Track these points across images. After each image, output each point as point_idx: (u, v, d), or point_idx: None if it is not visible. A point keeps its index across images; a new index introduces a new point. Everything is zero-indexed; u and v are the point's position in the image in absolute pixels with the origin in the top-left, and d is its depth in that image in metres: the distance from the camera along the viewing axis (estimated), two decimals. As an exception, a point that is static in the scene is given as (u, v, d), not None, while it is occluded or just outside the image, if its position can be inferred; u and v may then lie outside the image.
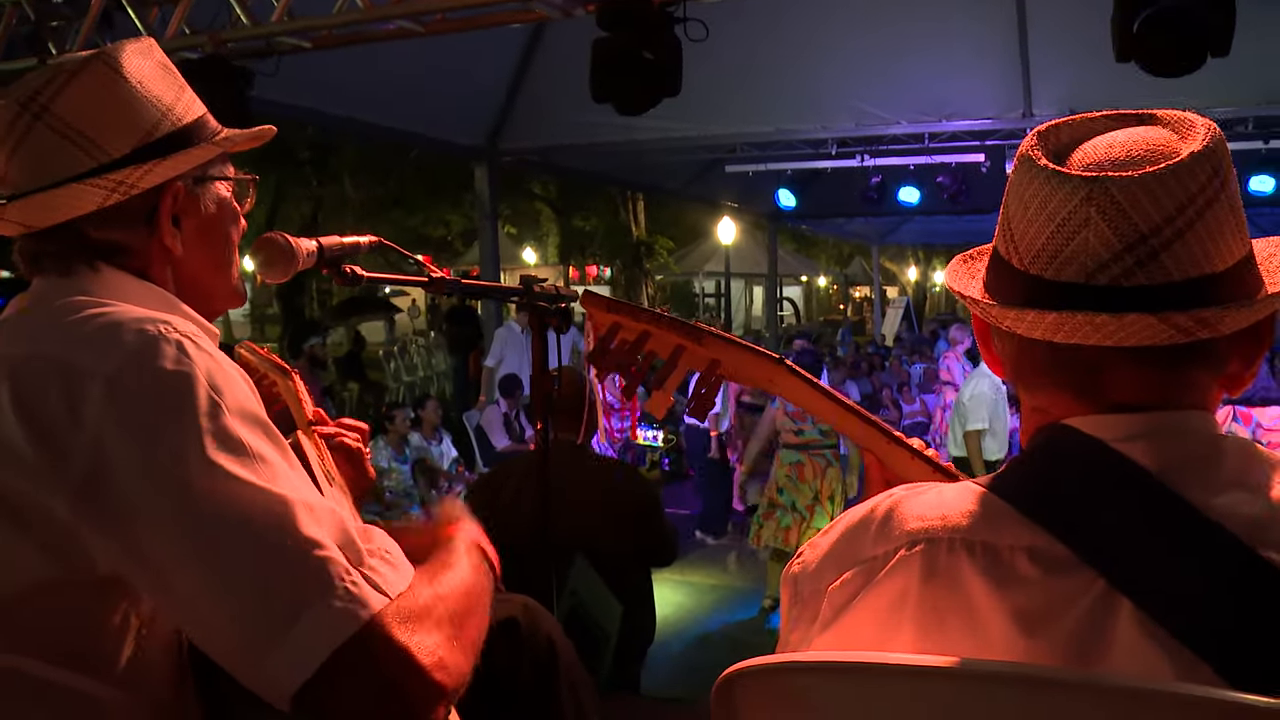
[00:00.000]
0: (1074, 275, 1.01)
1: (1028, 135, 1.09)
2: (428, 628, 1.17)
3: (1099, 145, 1.06)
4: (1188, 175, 0.99)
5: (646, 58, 5.44)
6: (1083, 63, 7.19)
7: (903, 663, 0.97)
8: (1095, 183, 0.99)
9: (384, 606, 1.13)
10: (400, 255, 2.29)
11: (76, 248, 1.33)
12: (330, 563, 1.13)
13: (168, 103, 1.39)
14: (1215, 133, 1.03)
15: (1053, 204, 1.02)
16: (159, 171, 1.35)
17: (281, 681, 1.10)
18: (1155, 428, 1.03)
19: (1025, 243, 1.05)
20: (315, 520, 1.16)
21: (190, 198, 1.42)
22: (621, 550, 4.09)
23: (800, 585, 1.16)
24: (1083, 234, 1.00)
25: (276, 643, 1.09)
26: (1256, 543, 0.94)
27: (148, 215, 1.37)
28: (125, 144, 1.34)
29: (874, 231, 22.58)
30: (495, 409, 9.86)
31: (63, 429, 1.14)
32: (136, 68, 1.37)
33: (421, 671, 1.13)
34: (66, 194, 1.30)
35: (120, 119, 1.34)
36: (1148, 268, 0.99)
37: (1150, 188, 0.98)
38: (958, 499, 1.07)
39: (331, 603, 1.11)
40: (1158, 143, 1.04)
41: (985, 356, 1.20)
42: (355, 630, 1.10)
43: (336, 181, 22.71)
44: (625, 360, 1.61)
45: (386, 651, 1.12)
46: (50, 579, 1.16)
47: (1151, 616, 0.93)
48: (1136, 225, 0.98)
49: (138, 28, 6.11)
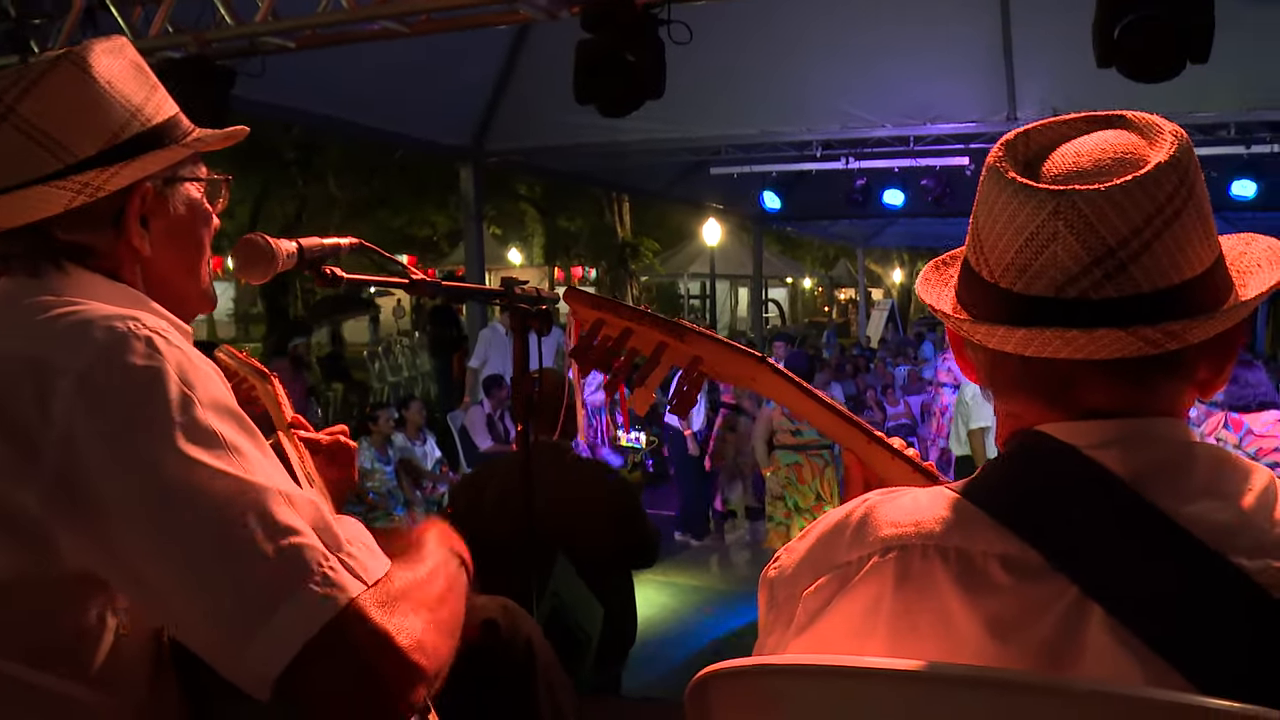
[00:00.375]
0: (1043, 289, 1.01)
1: (996, 144, 1.09)
2: (405, 611, 1.17)
3: (1066, 154, 1.06)
4: (1154, 186, 0.99)
5: (629, 60, 5.44)
6: (1066, 67, 7.21)
7: (876, 666, 0.98)
8: (1062, 196, 0.99)
9: (362, 591, 1.14)
10: (383, 257, 2.29)
11: (43, 249, 1.32)
12: (307, 549, 1.13)
13: (137, 103, 1.38)
14: (1182, 139, 1.03)
15: (1021, 217, 1.02)
16: (126, 173, 1.34)
17: (261, 669, 1.10)
18: (1127, 435, 1.03)
19: (995, 256, 1.05)
20: (291, 507, 1.16)
21: (159, 199, 1.41)
22: (603, 551, 4.09)
23: (776, 590, 1.16)
24: (1051, 248, 1.00)
25: (255, 631, 1.09)
26: (1227, 549, 0.94)
27: (115, 217, 1.36)
28: (92, 145, 1.32)
29: (859, 234, 22.60)
30: (479, 410, 9.85)
31: (33, 426, 1.13)
32: (106, 67, 1.36)
33: (400, 653, 1.14)
34: (32, 195, 1.29)
35: (87, 120, 1.33)
36: (1116, 280, 0.99)
37: (1117, 200, 0.98)
38: (931, 505, 1.07)
39: (310, 588, 1.11)
40: (1125, 149, 1.04)
41: (959, 363, 1.20)
42: (334, 615, 1.11)
43: (321, 181, 22.64)
44: (608, 357, 1.62)
45: (365, 635, 1.12)
46: (20, 576, 1.16)
47: (1123, 623, 0.94)
48: (1104, 238, 0.98)
49: (121, 26, 6.09)
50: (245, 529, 1.12)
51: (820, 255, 36.95)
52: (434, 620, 1.22)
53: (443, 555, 1.39)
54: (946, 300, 1.16)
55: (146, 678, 1.32)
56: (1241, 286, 1.09)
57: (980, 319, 1.07)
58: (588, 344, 1.61)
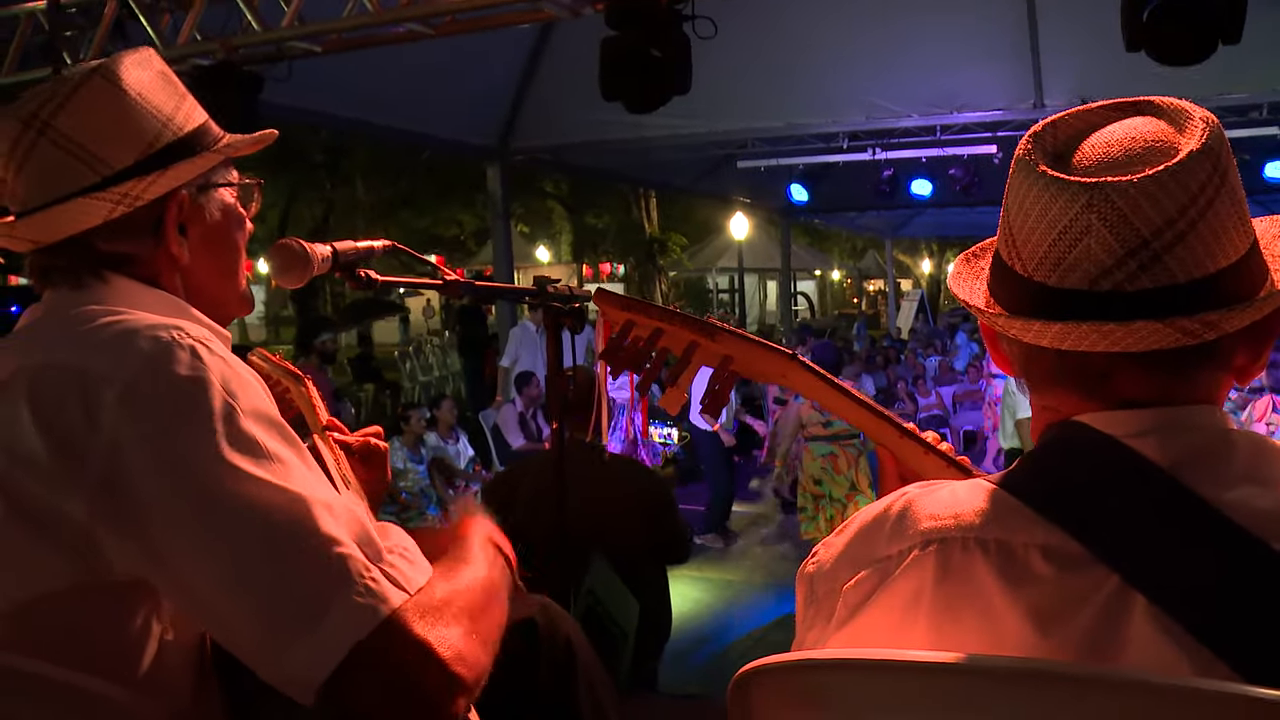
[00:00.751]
0: (1078, 282, 1.01)
1: (1024, 137, 1.09)
2: (447, 621, 1.18)
3: (1096, 144, 1.05)
4: (1187, 175, 0.98)
5: (655, 56, 5.44)
6: (1093, 52, 7.16)
7: (918, 659, 0.98)
8: (1095, 189, 0.99)
9: (403, 602, 1.15)
10: (413, 258, 2.30)
11: (86, 260, 1.34)
12: (349, 559, 1.15)
13: (168, 112, 1.40)
14: (1213, 125, 1.02)
15: (1053, 211, 1.01)
16: (162, 182, 1.36)
17: (304, 677, 1.11)
18: (1165, 423, 1.03)
19: (1028, 250, 1.05)
20: (333, 518, 1.17)
21: (195, 206, 1.43)
22: (636, 547, 4.10)
23: (816, 585, 1.16)
24: (1085, 241, 0.99)
25: (299, 639, 1.11)
26: (1270, 537, 0.94)
27: (154, 225, 1.38)
28: (128, 156, 1.35)
29: (887, 225, 22.53)
30: (511, 408, 9.87)
31: (80, 434, 1.15)
32: (136, 79, 1.38)
33: (442, 665, 1.14)
34: (73, 209, 1.31)
35: (121, 132, 1.35)
36: (1151, 271, 0.98)
37: (1149, 191, 0.97)
38: (970, 497, 1.07)
39: (352, 599, 1.12)
40: (1155, 137, 1.03)
41: (994, 356, 1.19)
42: (376, 625, 1.12)
43: (348, 184, 22.77)
44: (638, 358, 1.62)
45: (407, 646, 1.13)
46: (70, 584, 1.17)
47: (1166, 613, 0.93)
48: (1138, 230, 0.98)
49: (150, 35, 6.15)
50: (289, 539, 1.14)
51: (848, 247, 36.85)
52: (475, 630, 1.22)
53: (485, 559, 1.40)
54: (979, 294, 1.16)
55: (189, 683, 1.33)
56: (1276, 271, 1.08)
57: (1015, 313, 1.06)
58: (618, 345, 1.62)
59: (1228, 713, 0.85)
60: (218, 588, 1.14)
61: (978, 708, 0.93)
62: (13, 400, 1.19)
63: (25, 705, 1.18)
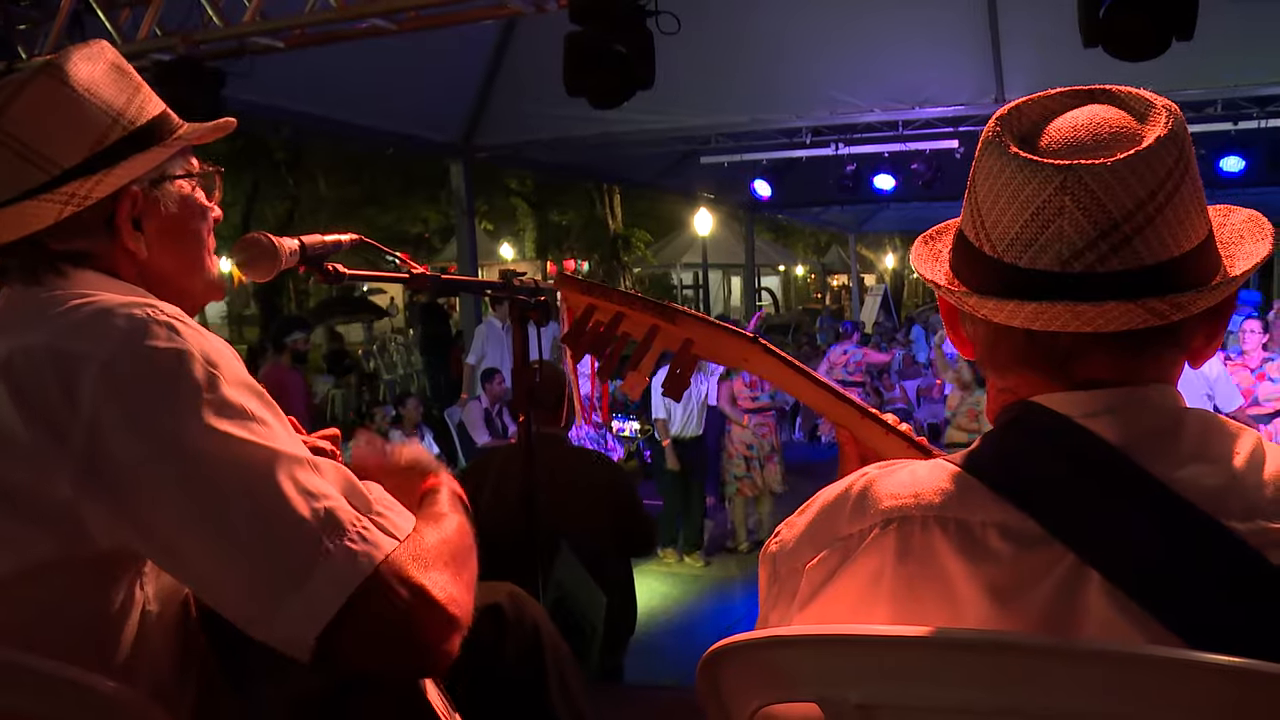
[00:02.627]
0: (1049, 263, 1.03)
1: (990, 120, 1.10)
2: (438, 566, 1.21)
3: (1062, 128, 1.07)
4: (1156, 160, 1.01)
5: (619, 51, 5.45)
6: (1053, 47, 7.21)
7: (883, 633, 1.00)
8: (1069, 171, 1.01)
9: (395, 548, 1.18)
10: (379, 252, 2.31)
11: (40, 259, 1.33)
12: (339, 510, 1.17)
13: (119, 107, 1.38)
14: (1176, 114, 1.05)
15: (1026, 192, 1.03)
16: (111, 179, 1.35)
17: (300, 631, 1.13)
18: (1119, 403, 1.05)
19: (998, 231, 1.06)
20: (319, 473, 1.20)
21: (149, 200, 1.41)
22: (601, 540, 4.11)
23: (778, 564, 1.18)
24: (1057, 222, 1.02)
25: (292, 593, 1.13)
26: (1220, 513, 0.97)
27: (107, 222, 1.37)
28: (76, 154, 1.33)
29: (851, 220, 22.58)
30: (476, 405, 9.85)
31: (60, 412, 1.16)
32: (85, 74, 1.36)
33: (438, 605, 1.18)
34: (21, 210, 1.30)
35: (68, 129, 1.34)
36: (1121, 253, 1.01)
37: (1122, 175, 1.00)
38: (930, 477, 1.09)
39: (345, 546, 1.15)
40: (1118, 124, 1.06)
41: (952, 338, 1.21)
42: (370, 572, 1.14)
43: (311, 181, 22.60)
44: (600, 342, 1.63)
45: (403, 589, 1.16)
46: (52, 560, 1.18)
47: (1120, 588, 0.96)
48: (1110, 212, 1.00)
49: (108, 30, 6.09)
50: (278, 494, 1.15)
51: (812, 242, 36.91)
52: (461, 575, 1.26)
53: (459, 514, 1.42)
54: (940, 272, 1.18)
55: (171, 662, 1.34)
56: (1228, 257, 1.11)
57: (985, 294, 1.08)
58: (580, 329, 1.63)
59: (1179, 678, 0.87)
60: (207, 551, 1.15)
61: (941, 679, 0.96)
62: None
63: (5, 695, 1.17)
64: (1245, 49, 7.57)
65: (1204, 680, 0.87)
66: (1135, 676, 0.89)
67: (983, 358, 1.17)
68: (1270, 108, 9.42)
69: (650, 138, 10.45)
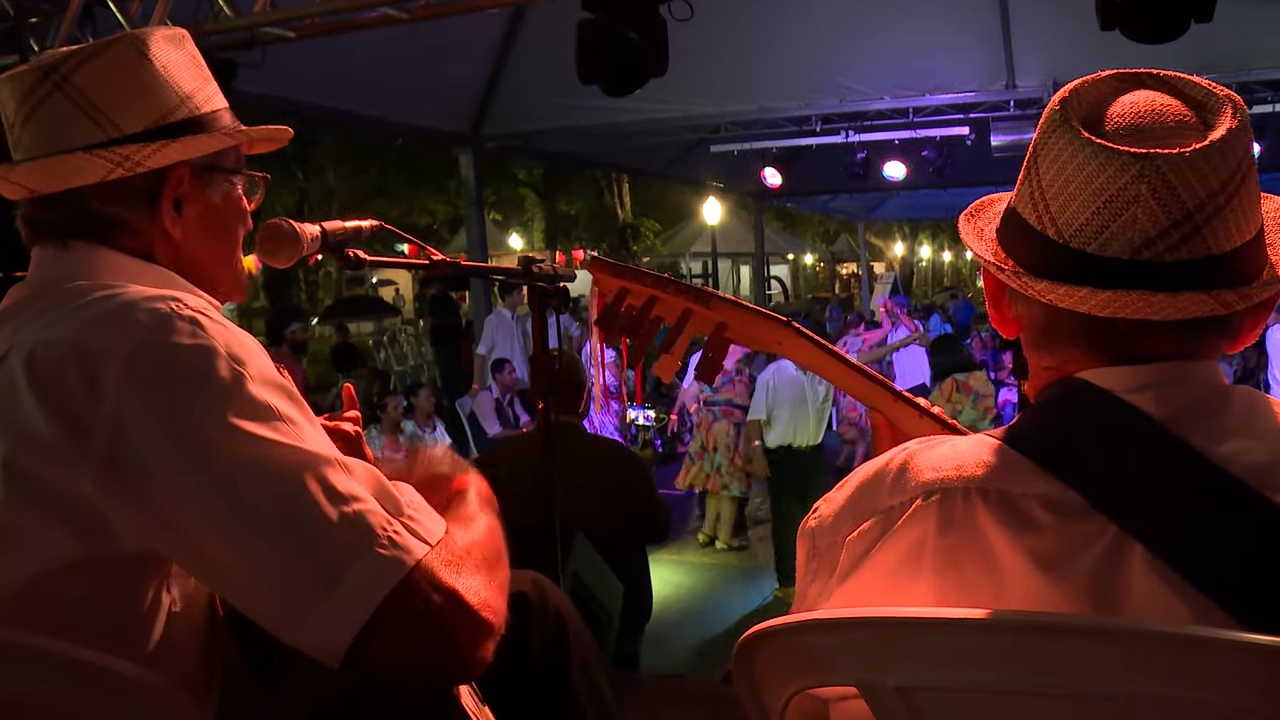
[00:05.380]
0: (1119, 251, 1.03)
1: (1052, 103, 1.09)
2: (470, 569, 1.20)
3: (1125, 114, 1.07)
4: (1230, 151, 1.01)
5: (632, 38, 5.43)
6: (1064, 32, 7.19)
7: (921, 615, 0.99)
8: (1146, 159, 1.01)
9: (427, 553, 1.16)
10: (393, 241, 2.30)
11: (77, 218, 1.35)
12: (370, 513, 1.15)
13: (187, 90, 1.42)
14: (1240, 104, 1.06)
15: (1100, 179, 1.03)
16: (166, 153, 1.36)
17: (331, 639, 1.11)
18: (1162, 378, 1.05)
19: (1066, 216, 1.06)
20: (349, 474, 1.18)
21: (196, 185, 1.43)
22: (616, 527, 4.12)
23: (817, 539, 1.18)
24: (1131, 210, 1.02)
25: (323, 598, 1.11)
26: (1264, 487, 0.96)
27: (150, 195, 1.39)
28: (138, 122, 1.36)
29: (860, 207, 22.53)
30: (487, 395, 9.86)
31: (83, 409, 1.14)
32: (163, 53, 1.40)
33: (471, 610, 1.16)
34: (72, 162, 1.32)
35: (137, 98, 1.37)
36: (1191, 243, 1.01)
37: (1197, 165, 1.00)
38: (972, 450, 1.09)
39: (377, 552, 1.13)
40: (1177, 110, 1.06)
41: (994, 316, 1.21)
42: (403, 576, 1.13)
43: (321, 173, 22.62)
44: (633, 325, 1.63)
45: (436, 594, 1.14)
46: (77, 558, 1.17)
47: (1164, 561, 0.96)
48: (1184, 202, 1.01)
49: (120, 22, 6.08)
50: (308, 497, 1.13)
51: (821, 230, 36.84)
52: (494, 578, 1.24)
53: (488, 517, 1.41)
54: (989, 253, 1.17)
55: (197, 653, 1.33)
56: (1270, 245, 1.11)
57: (1051, 278, 1.07)
58: (613, 312, 1.62)
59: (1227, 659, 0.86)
60: (237, 554, 1.13)
61: (980, 660, 0.95)
62: (10, 378, 1.18)
63: (32, 682, 1.16)
64: (1258, 32, 7.52)
65: (1254, 661, 0.86)
66: (1181, 657, 0.88)
67: (1030, 338, 1.17)
68: (1284, 91, 9.37)
69: (659, 126, 10.42)
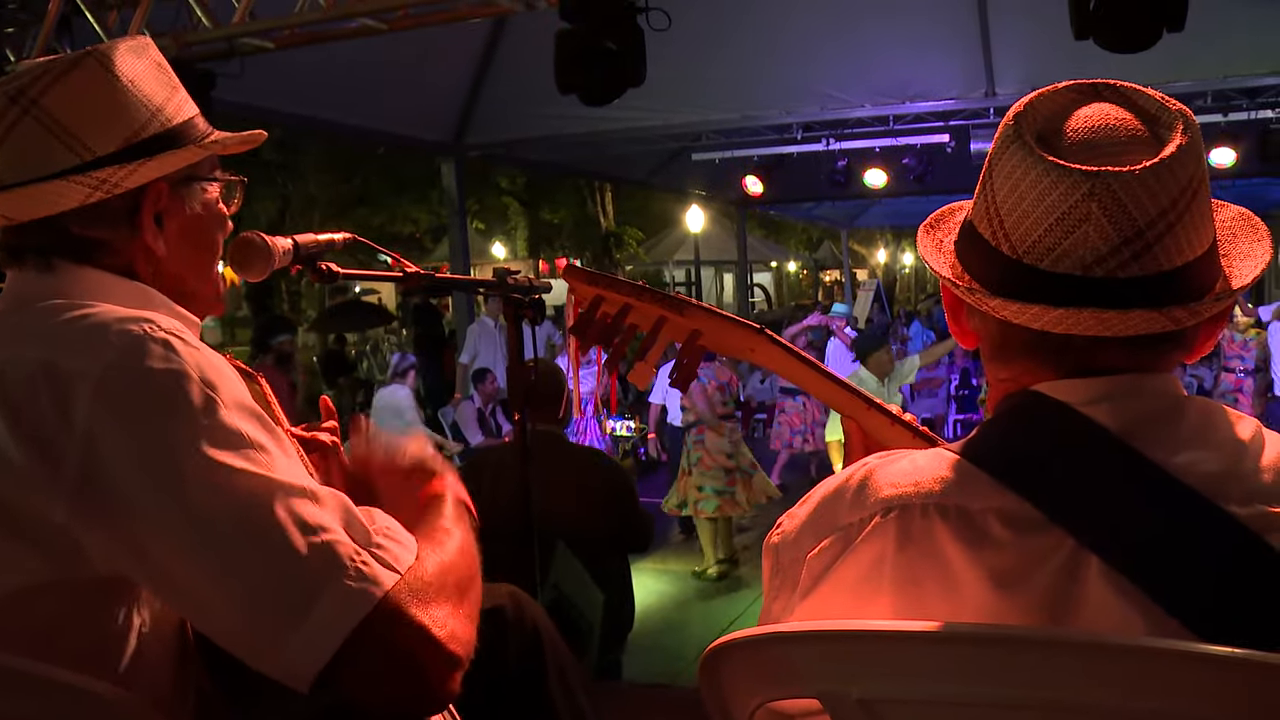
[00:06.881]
0: (1071, 267, 1.03)
1: (1007, 117, 1.10)
2: (439, 600, 1.19)
3: (1079, 129, 1.07)
4: (1179, 168, 1.02)
5: (610, 48, 5.45)
6: (1043, 40, 7.23)
7: (883, 629, 1.00)
8: (1096, 178, 1.01)
9: (395, 583, 1.15)
10: (372, 252, 2.30)
11: (58, 243, 1.33)
12: (338, 544, 1.14)
13: (158, 103, 1.40)
14: (1192, 119, 1.06)
15: (1052, 197, 1.03)
16: (143, 172, 1.35)
17: (299, 668, 1.11)
18: (1117, 391, 1.06)
19: (1019, 233, 1.06)
20: (318, 504, 1.17)
21: (175, 198, 1.42)
22: (598, 536, 4.11)
23: (781, 554, 1.19)
24: (1083, 228, 1.02)
25: (292, 629, 1.10)
26: (1219, 498, 0.97)
27: (130, 214, 1.37)
28: (111, 143, 1.34)
29: (843, 215, 22.58)
30: (469, 404, 9.85)
31: (53, 432, 1.14)
32: (129, 66, 1.38)
33: (438, 644, 1.15)
34: (49, 189, 1.30)
35: (108, 117, 1.35)
36: (1142, 260, 1.02)
37: (1148, 183, 1.01)
38: (930, 465, 1.09)
39: (345, 584, 1.12)
40: (1131, 125, 1.07)
41: (954, 328, 1.22)
42: (370, 609, 1.12)
43: (302, 181, 22.56)
44: (607, 333, 1.63)
45: (402, 628, 1.13)
46: (48, 581, 1.16)
47: (1120, 573, 0.96)
48: (1135, 220, 1.01)
49: (97, 31, 6.06)
50: (276, 528, 1.13)
51: (804, 238, 36.90)
52: (463, 604, 1.23)
53: (463, 529, 1.39)
54: (946, 267, 1.18)
55: (170, 672, 1.33)
56: (1224, 256, 1.12)
57: (1006, 295, 1.07)
58: (588, 320, 1.62)
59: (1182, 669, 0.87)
60: (206, 583, 1.13)
61: (941, 673, 0.96)
62: None
63: (9, 702, 1.16)
64: (1234, 39, 7.57)
65: (1208, 671, 0.87)
66: (1137, 667, 0.89)
67: (987, 351, 1.17)
68: (1260, 99, 9.45)
69: (641, 135, 10.45)
